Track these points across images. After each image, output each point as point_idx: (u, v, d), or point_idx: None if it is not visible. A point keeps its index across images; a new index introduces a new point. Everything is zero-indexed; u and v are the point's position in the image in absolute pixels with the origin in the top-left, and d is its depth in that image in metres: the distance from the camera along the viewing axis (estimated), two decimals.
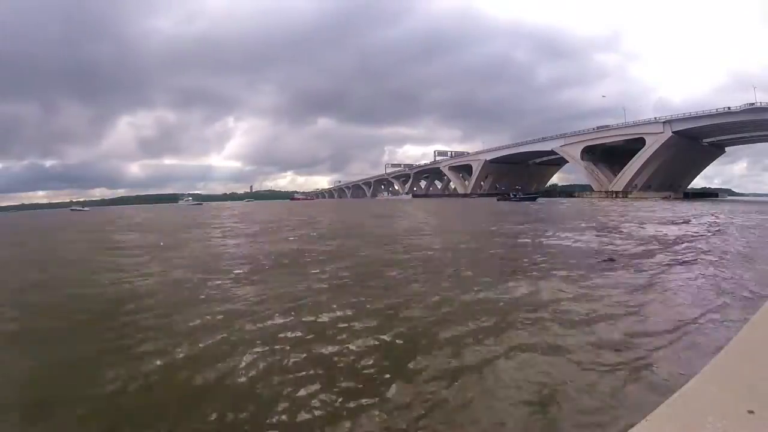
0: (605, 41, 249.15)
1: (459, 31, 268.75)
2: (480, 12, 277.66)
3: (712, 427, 1.09)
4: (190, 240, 12.63)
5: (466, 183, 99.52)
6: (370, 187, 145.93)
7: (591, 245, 9.33)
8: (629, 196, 58.06)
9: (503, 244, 10.04)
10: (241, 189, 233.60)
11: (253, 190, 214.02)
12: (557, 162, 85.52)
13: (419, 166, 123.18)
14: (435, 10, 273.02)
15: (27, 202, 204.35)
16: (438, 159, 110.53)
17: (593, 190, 66.91)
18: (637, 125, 62.34)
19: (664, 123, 58.45)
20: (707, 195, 66.93)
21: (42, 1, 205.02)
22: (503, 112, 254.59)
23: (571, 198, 62.08)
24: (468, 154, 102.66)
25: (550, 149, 75.32)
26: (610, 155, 66.25)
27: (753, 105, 49.65)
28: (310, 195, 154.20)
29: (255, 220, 23.30)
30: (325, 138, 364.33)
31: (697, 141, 61.91)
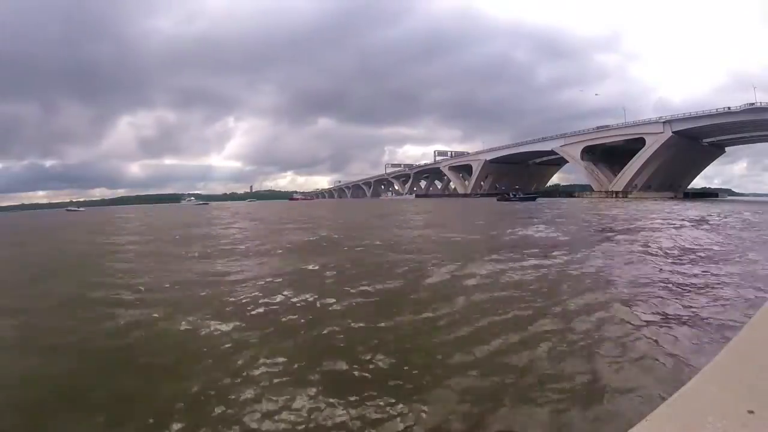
0: (605, 41, 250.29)
1: (459, 31, 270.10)
2: (480, 12, 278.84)
3: (712, 427, 1.08)
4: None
5: (466, 183, 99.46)
6: (370, 188, 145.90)
7: None
8: (629, 196, 57.97)
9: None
10: (241, 189, 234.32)
11: (253, 190, 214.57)
12: (557, 162, 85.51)
13: (419, 166, 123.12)
14: (435, 10, 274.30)
15: (27, 202, 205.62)
16: (438, 159, 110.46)
17: (593, 190, 66.87)
18: (637, 125, 62.29)
19: (664, 123, 58.37)
20: (707, 195, 66.79)
21: (42, 1, 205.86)
22: (503, 112, 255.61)
23: (571, 198, 61.96)
24: (468, 154, 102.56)
25: (550, 149, 75.29)
26: (610, 155, 66.20)
27: (753, 105, 49.56)
28: (309, 195, 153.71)
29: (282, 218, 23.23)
30: (325, 138, 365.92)
31: (697, 141, 61.85)
